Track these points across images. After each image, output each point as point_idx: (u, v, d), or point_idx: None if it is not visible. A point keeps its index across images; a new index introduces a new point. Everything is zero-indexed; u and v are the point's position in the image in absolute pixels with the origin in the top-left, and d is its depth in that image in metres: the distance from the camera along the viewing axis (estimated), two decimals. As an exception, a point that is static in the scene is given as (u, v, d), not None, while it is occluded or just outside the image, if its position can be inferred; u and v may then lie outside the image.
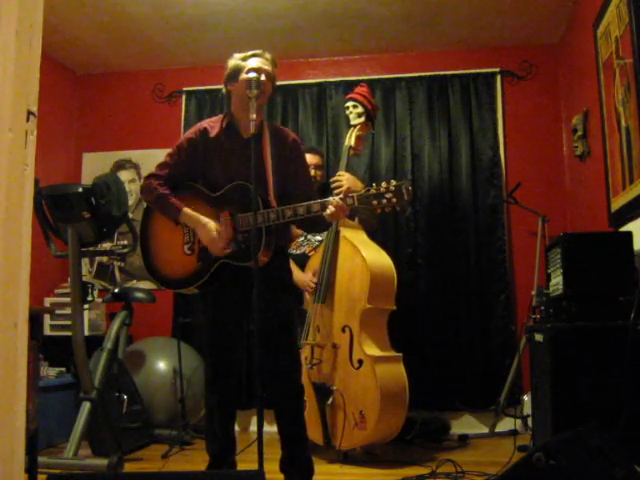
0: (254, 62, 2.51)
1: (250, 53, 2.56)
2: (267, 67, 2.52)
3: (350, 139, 3.70)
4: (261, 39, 4.32)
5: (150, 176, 2.57)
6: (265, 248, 2.40)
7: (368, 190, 2.32)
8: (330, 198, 2.38)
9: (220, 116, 2.65)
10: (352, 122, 3.77)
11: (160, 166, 2.60)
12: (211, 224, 2.45)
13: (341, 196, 2.38)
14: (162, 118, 4.92)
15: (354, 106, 3.75)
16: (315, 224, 2.61)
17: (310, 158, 3.50)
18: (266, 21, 4.25)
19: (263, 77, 2.44)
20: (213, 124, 2.59)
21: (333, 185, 3.44)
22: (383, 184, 2.31)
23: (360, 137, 3.74)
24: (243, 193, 2.41)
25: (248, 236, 2.39)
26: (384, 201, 2.28)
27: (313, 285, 3.49)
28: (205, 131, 2.56)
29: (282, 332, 2.52)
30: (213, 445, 2.55)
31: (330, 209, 2.36)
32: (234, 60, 2.56)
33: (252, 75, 2.42)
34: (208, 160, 2.54)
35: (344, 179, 3.47)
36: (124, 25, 4.31)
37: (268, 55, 2.58)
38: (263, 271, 2.34)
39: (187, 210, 2.48)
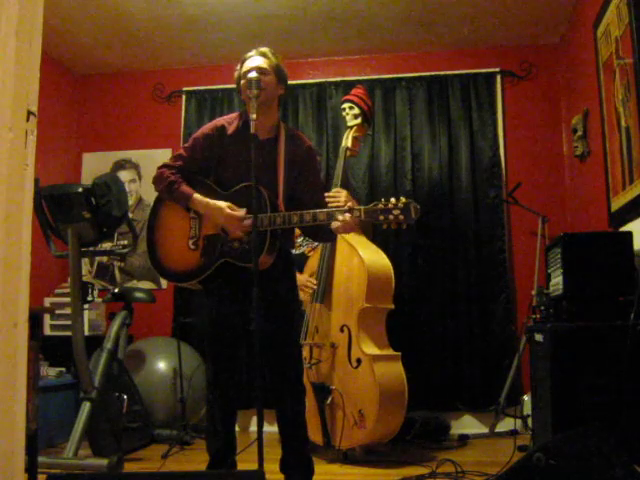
0: (247, 65, 2.53)
1: (245, 56, 2.57)
2: (259, 63, 2.51)
3: (347, 140, 3.71)
4: (261, 39, 4.31)
5: (163, 166, 2.58)
6: (268, 251, 2.40)
7: (376, 204, 2.31)
8: (337, 209, 2.36)
9: (237, 113, 2.65)
10: (348, 123, 3.78)
11: (174, 157, 2.61)
12: (222, 203, 2.44)
13: (347, 207, 2.35)
14: (162, 118, 4.92)
15: (350, 107, 3.76)
16: (319, 233, 2.61)
17: None
18: (266, 21, 4.25)
19: (254, 74, 2.42)
20: (231, 121, 2.59)
21: (330, 200, 3.21)
22: (392, 200, 2.29)
23: (357, 138, 3.75)
24: (252, 194, 2.40)
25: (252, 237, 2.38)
26: (391, 217, 2.27)
27: (310, 285, 3.49)
28: (222, 128, 2.56)
29: (284, 333, 2.53)
30: (213, 444, 2.55)
31: (336, 223, 2.35)
32: (236, 71, 2.59)
33: (251, 75, 2.42)
34: (222, 158, 2.55)
35: (342, 196, 3.44)
36: (124, 25, 4.31)
37: (262, 49, 2.57)
38: (267, 272, 2.35)
39: (197, 195, 2.48)
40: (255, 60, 2.53)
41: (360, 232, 3.58)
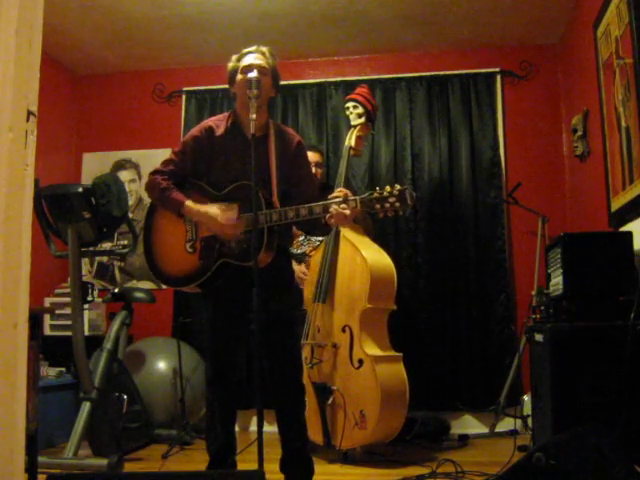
0: (247, 60, 2.51)
1: (245, 51, 2.56)
2: (260, 62, 2.50)
3: (350, 139, 3.71)
4: (261, 39, 4.25)
5: (155, 172, 2.57)
6: (267, 249, 2.39)
7: (371, 194, 2.30)
8: (332, 201, 2.35)
9: (226, 114, 2.63)
10: (352, 123, 3.77)
11: (165, 163, 2.60)
12: (214, 210, 2.43)
13: (342, 198, 2.35)
14: (162, 118, 4.92)
15: (354, 106, 3.75)
16: (315, 227, 2.61)
17: (310, 156, 3.49)
18: (266, 21, 4.25)
19: (255, 73, 2.41)
20: (219, 122, 2.58)
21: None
22: (387, 188, 2.28)
23: (360, 137, 3.74)
24: (247, 193, 2.39)
25: (249, 235, 2.38)
26: (387, 205, 2.26)
27: (303, 277, 3.51)
28: (210, 129, 2.55)
29: (284, 332, 2.53)
30: (213, 445, 2.55)
31: (331, 214, 2.35)
32: (231, 62, 2.57)
33: (251, 75, 2.41)
34: (212, 159, 2.54)
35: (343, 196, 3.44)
36: (124, 25, 4.31)
37: (263, 48, 2.56)
38: (265, 271, 2.34)
39: (189, 203, 2.47)
40: (255, 58, 2.52)
41: (362, 232, 3.58)
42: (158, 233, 2.60)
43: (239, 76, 2.49)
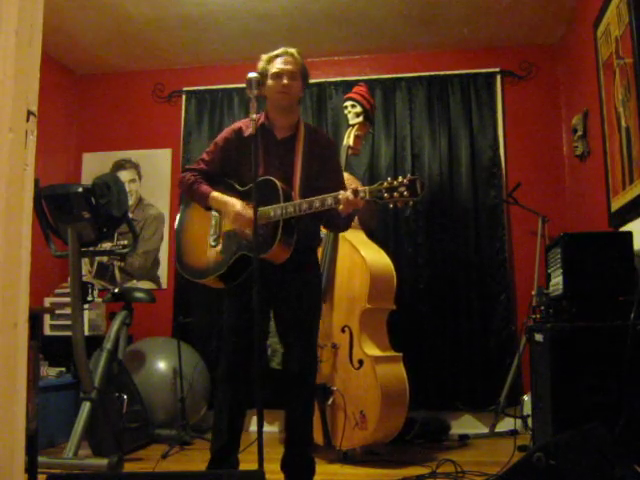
0: (277, 65, 2.56)
1: (274, 54, 2.61)
2: (290, 66, 2.56)
3: (348, 139, 3.71)
4: (261, 39, 4.33)
5: (186, 170, 2.70)
6: (282, 243, 2.40)
7: (381, 183, 2.31)
8: (341, 192, 2.37)
9: (258, 115, 2.67)
10: (350, 122, 3.77)
11: (197, 161, 2.72)
12: (234, 201, 2.49)
13: (352, 190, 2.36)
14: (162, 118, 4.92)
15: (352, 105, 3.75)
16: (335, 220, 2.60)
17: None
18: (266, 21, 4.25)
19: (285, 80, 2.50)
20: (249, 123, 2.61)
21: None
22: (399, 178, 2.30)
23: (358, 136, 3.74)
24: (267, 187, 2.43)
25: (267, 229, 2.41)
26: (396, 195, 2.26)
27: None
28: (239, 130, 2.62)
29: (307, 329, 2.56)
30: (217, 442, 2.55)
31: (341, 201, 2.36)
32: (261, 63, 2.62)
33: (251, 75, 2.42)
34: (241, 158, 2.58)
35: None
36: (124, 25, 4.31)
37: (291, 50, 2.62)
38: (292, 265, 2.42)
39: (215, 194, 2.55)
40: (285, 62, 2.56)
41: (360, 229, 3.57)
42: (186, 228, 2.69)
43: (270, 81, 2.54)
